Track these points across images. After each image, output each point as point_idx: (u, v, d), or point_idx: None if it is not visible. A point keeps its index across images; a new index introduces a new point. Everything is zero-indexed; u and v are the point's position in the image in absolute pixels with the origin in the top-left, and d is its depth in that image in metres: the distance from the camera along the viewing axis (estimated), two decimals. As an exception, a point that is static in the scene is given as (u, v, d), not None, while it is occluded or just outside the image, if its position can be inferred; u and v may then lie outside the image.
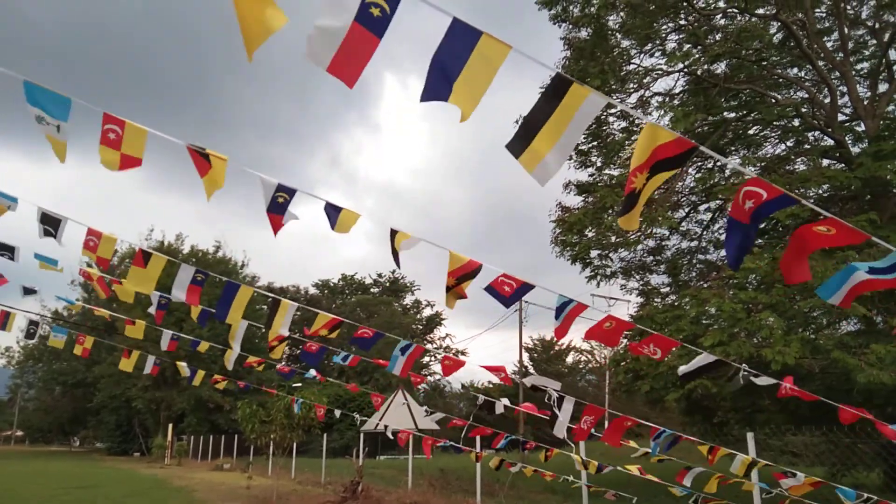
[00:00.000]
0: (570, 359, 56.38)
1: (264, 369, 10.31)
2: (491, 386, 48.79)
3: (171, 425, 42.53)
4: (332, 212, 4.63)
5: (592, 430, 9.22)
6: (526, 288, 4.91)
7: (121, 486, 20.91)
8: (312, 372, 10.83)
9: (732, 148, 17.67)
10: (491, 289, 5.09)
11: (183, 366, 11.86)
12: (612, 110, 17.41)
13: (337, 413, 13.54)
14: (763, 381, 5.75)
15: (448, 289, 4.98)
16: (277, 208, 4.45)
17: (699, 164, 17.52)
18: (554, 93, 3.01)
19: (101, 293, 8.17)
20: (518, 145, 3.12)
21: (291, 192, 4.40)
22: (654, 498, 14.15)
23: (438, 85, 2.99)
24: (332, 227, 4.67)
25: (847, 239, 3.28)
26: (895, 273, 3.37)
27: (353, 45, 2.96)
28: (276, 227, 4.52)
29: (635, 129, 17.03)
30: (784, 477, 6.90)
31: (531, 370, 53.23)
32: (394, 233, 4.75)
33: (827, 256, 11.51)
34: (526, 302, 31.45)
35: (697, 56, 15.49)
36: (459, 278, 4.88)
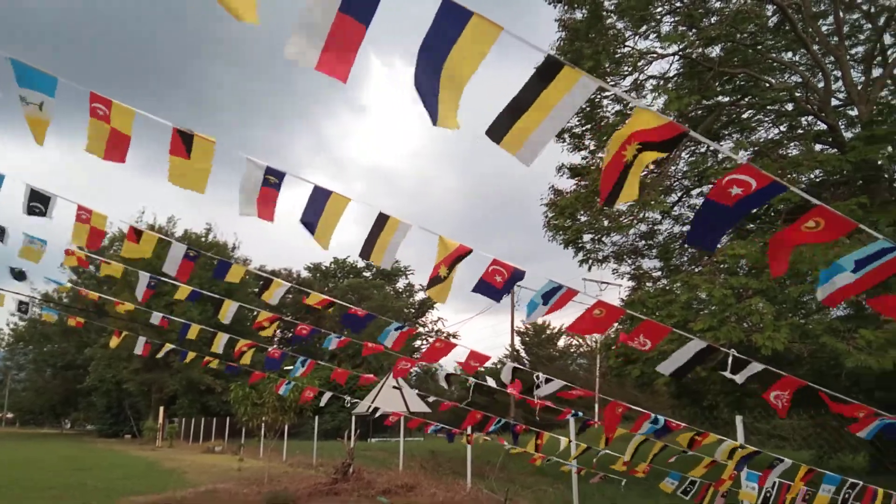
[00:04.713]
0: (561, 342, 56.65)
1: (254, 353, 10.22)
2: (483, 370, 48.95)
3: (162, 408, 42.53)
4: (320, 199, 4.47)
5: (580, 414, 9.26)
6: (518, 275, 4.83)
7: (113, 469, 20.92)
8: (299, 366, 10.73)
9: (726, 132, 17.63)
10: (482, 283, 4.94)
11: (172, 346, 11.76)
12: (607, 93, 17.30)
13: (324, 399, 13.44)
14: (742, 375, 5.71)
15: (440, 279, 4.69)
16: (269, 192, 4.34)
17: (692, 148, 17.48)
18: (544, 75, 2.92)
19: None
20: (500, 129, 3.03)
21: (281, 175, 4.31)
22: (643, 481, 14.27)
23: (428, 72, 2.91)
24: (313, 234, 4.51)
25: (835, 233, 3.23)
26: (881, 260, 3.33)
27: (340, 36, 2.86)
28: (270, 211, 4.41)
29: (629, 112, 16.94)
30: (769, 472, 6.93)
31: (523, 354, 53.47)
32: (384, 218, 4.66)
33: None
34: (519, 286, 31.44)
35: (692, 39, 15.38)
36: (451, 265, 4.68)
